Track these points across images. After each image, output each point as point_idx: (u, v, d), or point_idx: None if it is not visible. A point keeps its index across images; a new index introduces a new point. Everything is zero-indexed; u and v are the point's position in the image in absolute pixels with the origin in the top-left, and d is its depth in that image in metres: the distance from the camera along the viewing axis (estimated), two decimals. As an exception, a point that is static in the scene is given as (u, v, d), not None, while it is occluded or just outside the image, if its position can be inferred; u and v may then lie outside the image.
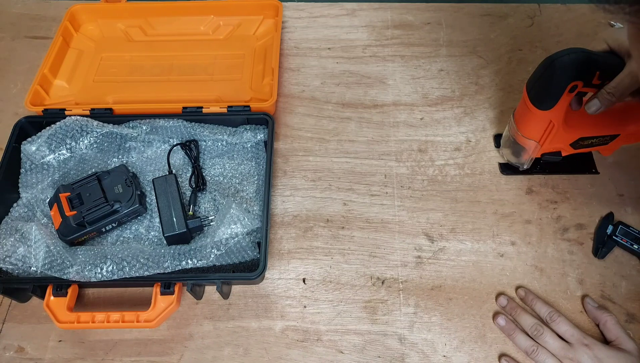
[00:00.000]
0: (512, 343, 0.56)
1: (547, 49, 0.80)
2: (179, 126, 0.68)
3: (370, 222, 0.65)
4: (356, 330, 0.58)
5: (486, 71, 0.79)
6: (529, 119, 0.59)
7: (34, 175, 0.66)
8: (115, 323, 0.55)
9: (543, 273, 0.61)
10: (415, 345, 0.57)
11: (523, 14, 0.86)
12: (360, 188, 0.68)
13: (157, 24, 0.82)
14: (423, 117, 0.74)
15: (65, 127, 0.67)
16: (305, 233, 0.64)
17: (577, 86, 0.54)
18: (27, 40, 0.84)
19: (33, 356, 0.57)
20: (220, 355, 0.56)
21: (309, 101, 0.76)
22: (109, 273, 0.56)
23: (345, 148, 0.71)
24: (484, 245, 0.63)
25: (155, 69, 0.78)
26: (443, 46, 0.82)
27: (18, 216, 0.63)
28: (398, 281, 0.61)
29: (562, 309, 0.58)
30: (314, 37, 0.83)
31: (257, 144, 0.69)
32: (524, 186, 0.67)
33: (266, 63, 0.77)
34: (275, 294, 0.60)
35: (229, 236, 0.58)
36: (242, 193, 0.66)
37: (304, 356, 0.56)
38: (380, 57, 0.81)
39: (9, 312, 0.59)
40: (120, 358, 0.56)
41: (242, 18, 0.82)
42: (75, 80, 0.77)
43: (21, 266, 0.57)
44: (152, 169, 0.68)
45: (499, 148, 0.70)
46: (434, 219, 0.65)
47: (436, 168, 0.69)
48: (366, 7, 0.87)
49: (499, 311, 0.58)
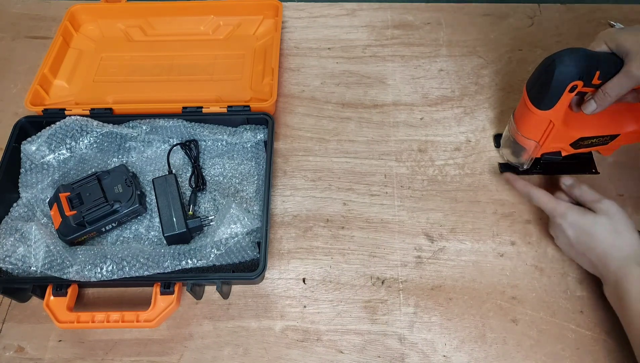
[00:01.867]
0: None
1: (547, 49, 0.80)
2: (179, 126, 0.68)
3: (370, 222, 0.65)
4: (356, 330, 0.58)
5: (486, 71, 0.79)
6: (529, 119, 0.59)
7: (34, 175, 0.66)
8: (115, 323, 0.55)
9: (543, 273, 0.61)
10: (415, 345, 0.57)
11: (523, 14, 0.86)
12: (360, 187, 0.68)
13: (157, 24, 0.82)
14: (423, 117, 0.74)
15: (65, 127, 0.67)
16: (305, 233, 0.64)
17: (577, 86, 0.54)
18: (27, 40, 0.84)
19: (33, 356, 0.57)
20: (220, 355, 0.56)
21: (309, 101, 0.76)
22: (109, 272, 0.56)
23: (345, 148, 0.71)
24: (484, 245, 0.63)
25: (155, 69, 0.78)
26: (443, 46, 0.82)
27: (18, 216, 0.63)
28: (398, 281, 0.61)
29: (562, 309, 0.58)
30: (314, 37, 0.83)
31: (257, 144, 0.69)
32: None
33: (266, 63, 0.77)
34: (275, 294, 0.60)
35: (228, 236, 0.58)
36: (242, 193, 0.66)
37: (304, 356, 0.56)
38: (380, 57, 0.81)
39: (8, 312, 0.59)
40: (120, 358, 0.56)
41: (242, 18, 0.82)
42: (75, 80, 0.77)
43: (21, 266, 0.57)
44: (152, 169, 0.68)
45: (499, 148, 0.70)
46: (434, 219, 0.65)
47: (436, 168, 0.69)
48: (366, 7, 0.87)
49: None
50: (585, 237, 0.56)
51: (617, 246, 0.54)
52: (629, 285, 0.52)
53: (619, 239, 0.55)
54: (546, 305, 0.59)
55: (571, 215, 0.57)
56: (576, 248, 0.57)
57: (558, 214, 0.58)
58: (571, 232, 0.57)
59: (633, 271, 0.52)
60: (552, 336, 0.57)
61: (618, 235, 0.55)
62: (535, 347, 0.56)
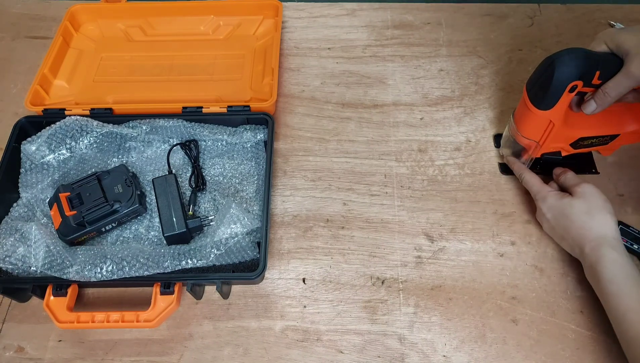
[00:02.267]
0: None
1: (547, 49, 0.80)
2: (178, 126, 0.68)
3: (370, 222, 0.65)
4: (356, 330, 0.58)
5: (486, 71, 0.79)
6: (529, 119, 0.59)
7: (34, 175, 0.66)
8: (115, 323, 0.55)
9: (543, 273, 0.61)
10: (415, 345, 0.57)
11: (523, 14, 0.86)
12: (360, 187, 0.68)
13: (157, 24, 0.82)
14: (423, 117, 0.74)
15: (65, 127, 0.67)
16: (305, 233, 0.64)
17: (577, 86, 0.54)
18: (27, 40, 0.84)
19: (33, 356, 0.57)
20: (220, 355, 0.56)
21: (309, 101, 0.76)
22: (108, 273, 0.56)
23: (345, 148, 0.71)
24: (484, 245, 0.63)
25: (155, 69, 0.78)
26: (443, 46, 0.82)
27: (18, 216, 0.63)
28: (398, 281, 0.61)
29: (562, 309, 0.58)
30: (314, 37, 0.83)
31: (257, 144, 0.69)
32: (524, 186, 0.67)
33: (266, 63, 0.77)
34: (275, 294, 0.60)
35: (228, 236, 0.58)
36: (242, 192, 0.66)
37: (304, 356, 0.56)
38: (380, 57, 0.81)
39: (8, 312, 0.59)
40: (120, 358, 0.56)
41: (242, 18, 0.82)
42: (75, 80, 0.77)
43: (21, 266, 0.57)
44: (152, 169, 0.68)
45: (499, 148, 0.70)
46: (434, 219, 0.65)
47: (436, 168, 0.69)
48: (366, 7, 0.87)
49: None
50: (563, 219, 0.58)
51: (590, 227, 0.56)
52: (601, 268, 0.54)
53: (592, 220, 0.56)
54: (546, 305, 0.59)
55: (550, 198, 0.60)
56: (557, 231, 0.60)
57: (540, 198, 0.61)
58: (550, 215, 0.60)
59: (606, 253, 0.54)
60: (552, 336, 0.57)
61: (591, 217, 0.56)
62: (535, 347, 0.56)
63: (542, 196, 0.61)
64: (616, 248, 0.54)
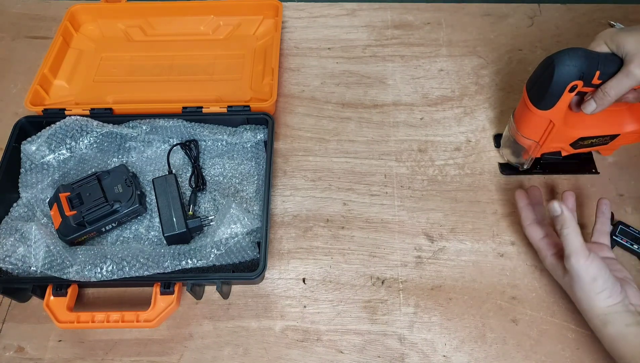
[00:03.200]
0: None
1: (547, 49, 0.80)
2: (178, 126, 0.68)
3: (370, 222, 0.65)
4: (356, 330, 0.58)
5: (486, 71, 0.79)
6: (529, 119, 0.59)
7: (34, 175, 0.66)
8: (115, 323, 0.55)
9: (543, 273, 0.61)
10: (415, 345, 0.57)
11: (523, 14, 0.86)
12: (360, 187, 0.68)
13: (157, 24, 0.82)
14: (423, 117, 0.74)
15: (65, 127, 0.67)
16: (305, 233, 0.64)
17: (577, 86, 0.54)
18: (27, 40, 0.84)
19: (33, 356, 0.57)
20: (220, 355, 0.56)
21: (309, 101, 0.76)
22: (108, 273, 0.56)
23: (345, 148, 0.71)
24: (484, 245, 0.63)
25: (155, 69, 0.78)
26: (443, 46, 0.82)
27: (18, 216, 0.63)
28: (398, 281, 0.61)
29: (562, 309, 0.58)
30: (314, 37, 0.83)
31: (257, 144, 0.69)
32: (524, 186, 0.67)
33: (266, 63, 0.77)
34: (275, 294, 0.60)
35: (228, 236, 0.58)
36: (242, 193, 0.66)
37: (304, 356, 0.56)
38: (380, 57, 0.81)
39: (8, 312, 0.59)
40: (120, 358, 0.56)
41: (242, 18, 0.82)
42: (75, 80, 0.77)
43: (21, 266, 0.57)
44: (152, 169, 0.68)
45: (499, 148, 0.70)
46: (434, 219, 0.65)
47: (436, 168, 0.69)
48: (366, 7, 0.87)
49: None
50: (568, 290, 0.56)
51: (587, 309, 0.53)
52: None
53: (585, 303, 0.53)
54: (546, 305, 0.59)
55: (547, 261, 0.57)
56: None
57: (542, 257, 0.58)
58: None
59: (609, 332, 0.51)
60: (552, 336, 0.57)
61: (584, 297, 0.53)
62: (535, 347, 0.56)
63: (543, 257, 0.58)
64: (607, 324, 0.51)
